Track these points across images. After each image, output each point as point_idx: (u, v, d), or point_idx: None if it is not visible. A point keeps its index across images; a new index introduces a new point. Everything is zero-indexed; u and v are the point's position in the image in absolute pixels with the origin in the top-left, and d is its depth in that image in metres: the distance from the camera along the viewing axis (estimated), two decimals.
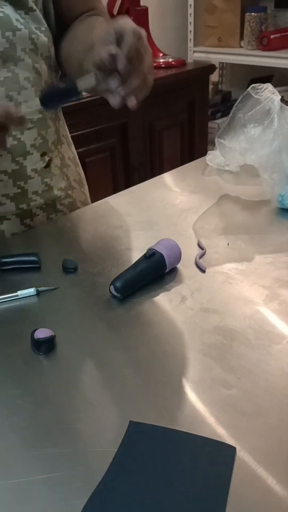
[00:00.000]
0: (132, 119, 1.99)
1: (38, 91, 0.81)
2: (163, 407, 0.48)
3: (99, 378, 0.52)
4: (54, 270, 0.72)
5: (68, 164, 0.95)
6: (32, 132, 0.83)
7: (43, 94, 0.70)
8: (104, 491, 0.40)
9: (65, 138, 0.95)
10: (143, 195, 0.96)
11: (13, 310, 0.65)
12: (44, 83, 0.82)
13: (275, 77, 2.53)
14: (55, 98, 0.69)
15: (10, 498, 0.41)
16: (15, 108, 0.74)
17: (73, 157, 0.98)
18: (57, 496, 0.41)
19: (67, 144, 0.96)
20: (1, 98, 0.76)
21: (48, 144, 0.87)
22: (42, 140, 0.85)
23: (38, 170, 0.86)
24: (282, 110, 0.83)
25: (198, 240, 0.77)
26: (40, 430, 0.47)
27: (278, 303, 0.62)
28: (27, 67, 0.78)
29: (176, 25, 2.62)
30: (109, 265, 0.73)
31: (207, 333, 0.58)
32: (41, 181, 0.87)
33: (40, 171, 0.86)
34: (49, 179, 0.88)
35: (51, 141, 0.88)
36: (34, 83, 0.80)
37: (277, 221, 0.83)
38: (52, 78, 0.86)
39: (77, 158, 1.00)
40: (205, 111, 2.35)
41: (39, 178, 0.86)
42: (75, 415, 0.48)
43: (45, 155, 0.86)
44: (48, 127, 0.86)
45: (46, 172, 0.87)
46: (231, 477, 0.41)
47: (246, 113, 0.86)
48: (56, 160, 0.90)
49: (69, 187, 0.94)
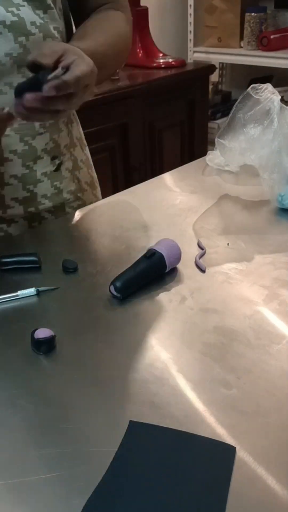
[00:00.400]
0: (132, 119, 1.99)
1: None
2: (163, 407, 0.48)
3: (99, 378, 0.52)
4: (54, 270, 0.72)
5: (81, 166, 0.94)
6: (44, 137, 0.82)
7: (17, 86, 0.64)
8: (104, 491, 0.40)
9: (78, 140, 0.95)
10: (143, 195, 0.96)
11: (13, 310, 0.65)
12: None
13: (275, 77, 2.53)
14: (26, 86, 0.62)
15: (10, 498, 0.41)
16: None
17: (86, 159, 0.98)
18: (57, 496, 0.41)
19: (80, 146, 0.95)
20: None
21: (60, 148, 0.87)
22: (54, 144, 0.85)
23: (48, 174, 0.85)
24: (282, 110, 0.83)
25: (198, 240, 0.77)
26: (40, 430, 0.47)
27: (278, 303, 0.62)
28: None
29: (176, 25, 2.62)
30: (109, 265, 0.73)
31: (207, 333, 0.58)
32: (51, 185, 0.87)
33: (50, 174, 0.86)
34: (58, 182, 0.88)
35: (63, 144, 0.87)
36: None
37: (277, 221, 0.83)
38: None
39: (90, 160, 1.00)
40: (205, 111, 2.35)
41: (48, 181, 0.86)
42: (75, 415, 0.48)
43: (56, 159, 0.86)
44: (60, 131, 0.86)
45: (56, 175, 0.87)
46: (231, 477, 0.41)
47: (246, 113, 0.86)
48: (67, 163, 0.89)
49: (79, 190, 0.94)
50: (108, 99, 1.85)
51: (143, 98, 2.00)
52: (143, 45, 2.25)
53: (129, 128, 1.98)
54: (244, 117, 0.86)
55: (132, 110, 1.97)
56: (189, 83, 2.19)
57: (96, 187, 1.01)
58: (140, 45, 2.24)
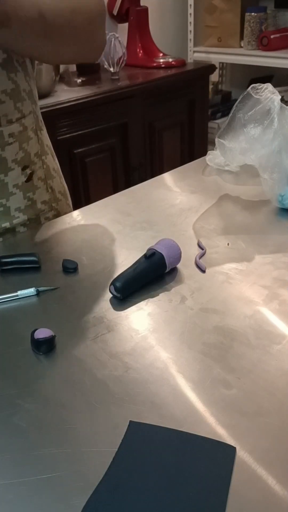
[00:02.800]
0: (132, 119, 1.99)
1: (18, 102, 0.78)
2: (163, 407, 0.48)
3: (99, 378, 0.52)
4: (54, 270, 0.72)
5: (53, 175, 0.92)
6: (14, 147, 0.80)
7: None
8: (104, 491, 0.40)
9: (49, 148, 0.93)
10: (143, 195, 0.96)
11: (13, 310, 0.65)
12: (23, 92, 0.79)
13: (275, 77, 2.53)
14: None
15: (10, 498, 0.41)
16: None
17: (57, 168, 0.95)
18: (57, 496, 0.41)
19: (51, 154, 0.93)
20: None
21: (31, 157, 0.84)
22: (24, 154, 0.82)
23: (20, 185, 0.83)
24: (282, 110, 0.83)
25: (198, 240, 0.77)
26: (40, 430, 0.47)
27: (278, 303, 0.62)
28: (3, 79, 0.74)
29: (176, 25, 2.62)
30: (109, 265, 0.73)
31: (207, 333, 0.58)
32: (24, 196, 0.84)
33: (21, 186, 0.83)
34: (31, 193, 0.86)
35: (34, 152, 0.85)
36: (13, 95, 0.76)
37: (277, 221, 0.83)
38: (31, 85, 0.82)
39: (60, 170, 0.97)
40: (205, 111, 2.35)
41: (21, 193, 0.84)
42: (75, 415, 0.48)
43: (27, 168, 0.84)
44: (29, 138, 0.83)
45: (29, 186, 0.85)
46: (231, 477, 0.41)
47: (246, 113, 0.86)
48: (39, 172, 0.87)
49: (54, 200, 0.92)
50: (108, 99, 1.85)
51: (143, 98, 2.00)
52: (143, 45, 2.25)
53: (129, 128, 1.98)
54: (244, 117, 0.86)
55: (132, 110, 1.98)
56: (189, 83, 2.19)
57: (68, 197, 0.99)
58: (140, 45, 2.25)
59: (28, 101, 0.81)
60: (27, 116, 0.81)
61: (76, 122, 1.78)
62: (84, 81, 1.99)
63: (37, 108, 0.87)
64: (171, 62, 2.20)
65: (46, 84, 1.75)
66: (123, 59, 2.04)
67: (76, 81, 1.99)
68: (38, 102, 0.88)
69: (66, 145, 1.76)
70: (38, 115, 0.87)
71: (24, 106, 0.80)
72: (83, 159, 1.86)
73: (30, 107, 0.82)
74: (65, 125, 1.74)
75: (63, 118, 1.72)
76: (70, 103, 1.74)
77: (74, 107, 1.74)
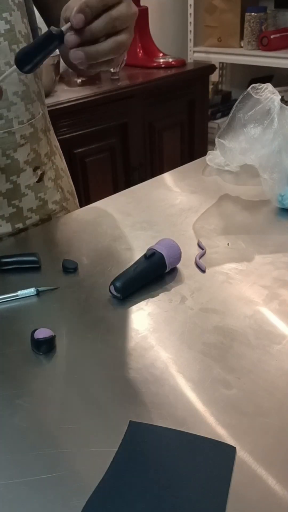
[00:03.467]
0: (132, 119, 1.99)
1: (29, 104, 0.78)
2: (163, 407, 0.48)
3: (99, 378, 0.52)
4: (54, 270, 0.72)
5: (62, 175, 0.94)
6: (25, 148, 0.81)
7: (18, 54, 0.56)
8: (104, 491, 0.40)
9: (57, 149, 0.94)
10: (143, 195, 0.96)
11: (13, 310, 0.65)
12: (33, 93, 0.80)
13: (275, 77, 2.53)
14: (32, 53, 0.55)
15: (10, 498, 0.41)
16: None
17: (65, 168, 0.97)
18: (57, 496, 0.41)
19: (59, 155, 0.94)
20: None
21: (41, 157, 0.85)
22: (35, 155, 0.83)
23: (31, 186, 0.84)
24: (282, 110, 0.83)
25: (198, 240, 0.77)
26: (40, 430, 0.47)
27: (278, 303, 0.62)
28: (13, 81, 0.75)
29: (176, 25, 2.62)
30: (109, 265, 0.73)
31: (207, 333, 0.58)
32: (35, 197, 0.85)
33: (33, 186, 0.84)
34: (43, 193, 0.87)
35: (44, 153, 0.86)
36: (23, 96, 0.77)
37: (277, 221, 0.83)
38: (39, 86, 0.83)
39: (67, 170, 0.99)
40: (205, 111, 2.35)
41: (32, 194, 0.85)
42: (75, 415, 0.48)
43: (38, 169, 0.85)
44: (39, 139, 0.84)
45: (40, 186, 0.86)
46: (231, 477, 0.41)
47: (246, 113, 0.86)
48: (50, 173, 0.88)
49: (64, 199, 0.93)
50: (108, 99, 1.85)
51: (143, 98, 2.00)
52: (143, 45, 2.25)
53: (129, 128, 1.98)
54: (244, 117, 0.86)
55: (132, 110, 1.98)
56: (189, 83, 2.19)
57: (75, 197, 1.00)
58: (140, 45, 2.24)
59: (37, 102, 0.82)
60: (37, 117, 0.82)
61: (76, 122, 1.78)
62: (84, 81, 1.99)
63: (45, 109, 0.88)
64: (171, 62, 2.20)
65: (46, 84, 1.75)
66: (123, 59, 2.04)
67: (76, 81, 1.99)
68: (45, 103, 0.89)
69: (66, 145, 1.76)
70: (46, 116, 0.88)
71: (34, 107, 0.81)
72: (83, 159, 1.86)
73: (39, 108, 0.83)
74: (65, 125, 1.74)
75: (63, 118, 1.72)
76: (70, 103, 1.74)
77: (74, 107, 1.74)
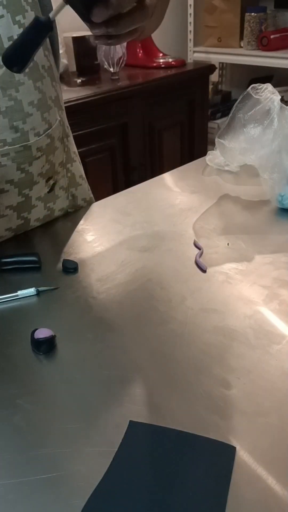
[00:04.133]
0: (132, 119, 1.99)
1: (45, 112, 0.73)
2: (163, 407, 0.48)
3: (99, 378, 0.52)
4: (54, 270, 0.72)
5: (79, 183, 0.90)
6: (41, 160, 0.76)
7: (5, 52, 0.49)
8: (104, 491, 0.40)
9: (76, 155, 0.89)
10: (143, 195, 0.96)
11: (13, 310, 0.65)
12: (49, 100, 0.74)
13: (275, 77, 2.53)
14: (20, 49, 0.48)
15: (10, 498, 0.41)
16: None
17: (83, 174, 0.93)
18: (57, 496, 0.41)
19: (78, 161, 0.90)
20: (5, 130, 0.68)
21: (55, 167, 0.81)
22: (50, 165, 0.79)
23: (42, 197, 0.82)
24: (282, 110, 0.83)
25: (194, 240, 0.77)
26: (40, 430, 0.47)
27: (278, 303, 0.62)
28: (29, 90, 0.69)
29: (176, 25, 2.62)
30: (109, 265, 0.73)
31: (207, 333, 0.58)
32: (44, 207, 0.83)
33: (43, 197, 0.82)
34: (52, 203, 0.85)
35: (58, 162, 0.82)
36: (40, 105, 0.71)
37: (277, 221, 0.83)
38: (57, 90, 0.77)
39: (84, 174, 0.94)
40: (205, 111, 2.35)
41: (42, 204, 0.82)
42: (75, 415, 0.48)
43: (50, 179, 0.81)
44: (55, 149, 0.79)
45: (50, 196, 0.83)
46: (231, 477, 0.41)
47: (246, 113, 0.86)
48: (62, 181, 0.85)
49: (72, 207, 0.90)
50: (108, 99, 1.85)
51: (143, 98, 2.00)
52: (143, 45, 2.25)
53: (129, 128, 1.98)
54: (244, 117, 0.86)
55: (132, 110, 1.98)
56: (189, 83, 2.19)
57: (91, 203, 0.95)
58: (140, 45, 2.24)
59: (54, 109, 0.76)
60: (54, 125, 0.76)
61: (76, 122, 1.77)
62: (84, 81, 1.99)
63: (63, 114, 0.83)
64: (171, 62, 2.20)
65: None
66: (123, 59, 2.04)
67: (76, 81, 1.99)
68: (64, 107, 0.84)
69: None
70: (64, 121, 0.83)
71: (51, 115, 0.75)
72: (83, 159, 1.84)
73: (57, 114, 0.78)
74: None
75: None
76: (70, 103, 1.74)
77: (74, 107, 1.74)
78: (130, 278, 0.69)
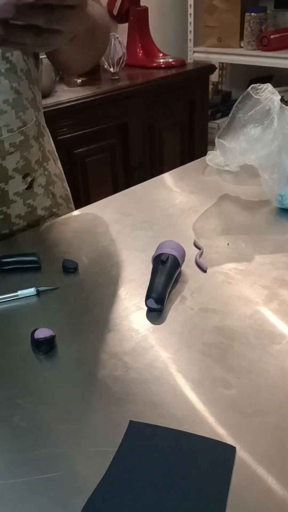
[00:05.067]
0: (132, 119, 1.99)
1: (20, 111, 0.77)
2: (163, 407, 0.48)
3: (99, 378, 0.52)
4: (54, 270, 0.72)
5: (55, 181, 0.92)
6: (15, 156, 0.79)
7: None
8: (104, 491, 0.40)
9: (51, 154, 0.92)
10: (143, 195, 0.96)
11: (13, 310, 0.65)
12: (25, 101, 0.78)
13: (275, 77, 2.53)
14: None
15: (10, 498, 0.41)
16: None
17: (59, 173, 0.95)
18: (57, 496, 0.41)
19: (53, 160, 0.93)
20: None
21: (31, 164, 0.84)
22: (25, 162, 0.82)
23: (20, 193, 0.83)
24: (282, 110, 0.83)
25: (194, 240, 0.77)
26: (40, 430, 0.47)
27: (278, 303, 0.62)
28: (4, 89, 0.74)
29: (176, 25, 2.62)
30: (109, 265, 0.73)
31: (207, 333, 0.58)
32: (24, 203, 0.85)
33: (22, 193, 0.84)
34: (31, 199, 0.86)
35: (35, 160, 0.85)
36: (15, 104, 0.76)
37: (277, 221, 0.83)
38: (34, 92, 0.81)
39: (63, 174, 0.97)
40: (205, 111, 2.35)
41: (21, 200, 0.84)
42: (75, 415, 0.48)
43: (27, 176, 0.83)
44: (30, 147, 0.82)
45: (29, 193, 0.85)
46: (231, 477, 0.41)
47: (246, 113, 0.86)
48: (40, 179, 0.87)
49: (55, 205, 0.92)
50: (108, 99, 1.85)
51: (143, 98, 2.00)
52: (143, 45, 2.25)
53: (129, 128, 1.98)
54: (244, 117, 0.86)
55: (132, 110, 1.98)
56: (189, 83, 2.19)
57: (71, 201, 0.99)
58: (140, 45, 2.25)
59: (30, 109, 0.80)
60: (29, 124, 0.80)
61: (76, 122, 1.78)
62: (84, 81, 1.99)
63: (40, 114, 0.86)
64: (171, 62, 2.20)
65: (46, 84, 1.75)
66: (123, 59, 2.04)
67: (76, 81, 1.99)
68: (42, 108, 0.88)
69: (66, 145, 1.76)
70: (40, 122, 0.86)
71: (26, 115, 0.79)
72: (83, 159, 1.86)
73: (33, 115, 0.81)
74: (65, 125, 1.74)
75: (63, 118, 1.72)
76: (70, 103, 1.74)
77: (74, 107, 1.74)
78: (131, 278, 0.69)
